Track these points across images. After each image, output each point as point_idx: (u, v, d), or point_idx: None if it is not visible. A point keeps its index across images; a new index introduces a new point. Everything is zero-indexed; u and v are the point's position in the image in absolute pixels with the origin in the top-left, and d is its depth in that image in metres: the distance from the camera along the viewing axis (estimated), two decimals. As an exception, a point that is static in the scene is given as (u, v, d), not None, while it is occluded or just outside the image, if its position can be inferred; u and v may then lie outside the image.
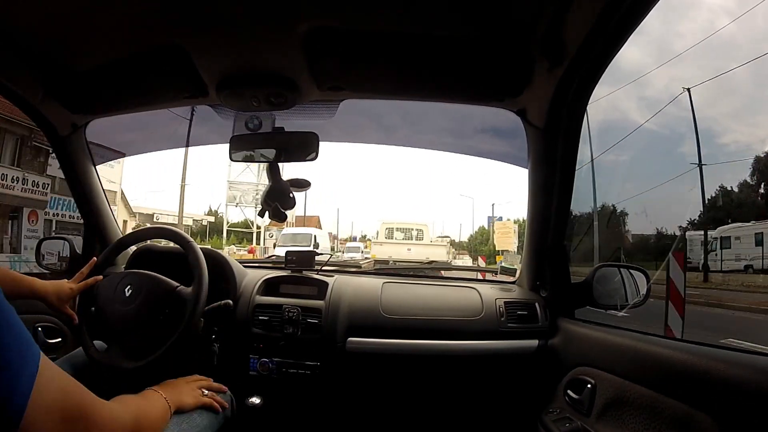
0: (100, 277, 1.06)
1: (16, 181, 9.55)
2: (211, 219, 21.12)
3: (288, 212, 1.24)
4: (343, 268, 1.85)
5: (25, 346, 0.45)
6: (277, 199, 1.18)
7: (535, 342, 1.27)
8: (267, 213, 1.20)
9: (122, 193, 14.45)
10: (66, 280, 1.03)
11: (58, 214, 10.56)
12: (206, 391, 0.93)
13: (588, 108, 1.06)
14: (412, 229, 11.79)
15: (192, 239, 1.12)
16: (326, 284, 1.37)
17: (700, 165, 11.06)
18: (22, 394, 0.43)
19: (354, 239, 21.71)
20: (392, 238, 11.56)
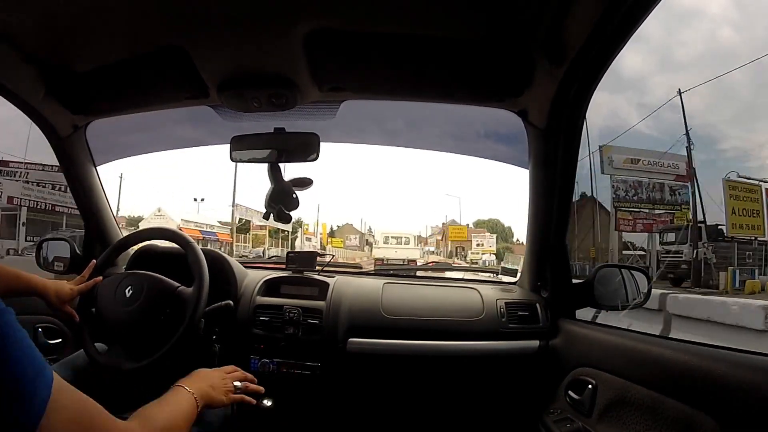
0: (100, 278, 1.06)
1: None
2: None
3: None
4: (344, 268, 1.85)
5: (38, 370, 0.44)
6: (281, 201, 1.17)
7: (536, 342, 1.27)
8: (272, 216, 1.20)
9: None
10: (66, 281, 1.02)
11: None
12: (238, 384, 0.87)
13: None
14: (401, 237, 17.44)
15: (192, 239, 1.12)
16: (327, 285, 1.37)
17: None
18: (32, 423, 0.42)
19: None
20: (388, 243, 17.11)
